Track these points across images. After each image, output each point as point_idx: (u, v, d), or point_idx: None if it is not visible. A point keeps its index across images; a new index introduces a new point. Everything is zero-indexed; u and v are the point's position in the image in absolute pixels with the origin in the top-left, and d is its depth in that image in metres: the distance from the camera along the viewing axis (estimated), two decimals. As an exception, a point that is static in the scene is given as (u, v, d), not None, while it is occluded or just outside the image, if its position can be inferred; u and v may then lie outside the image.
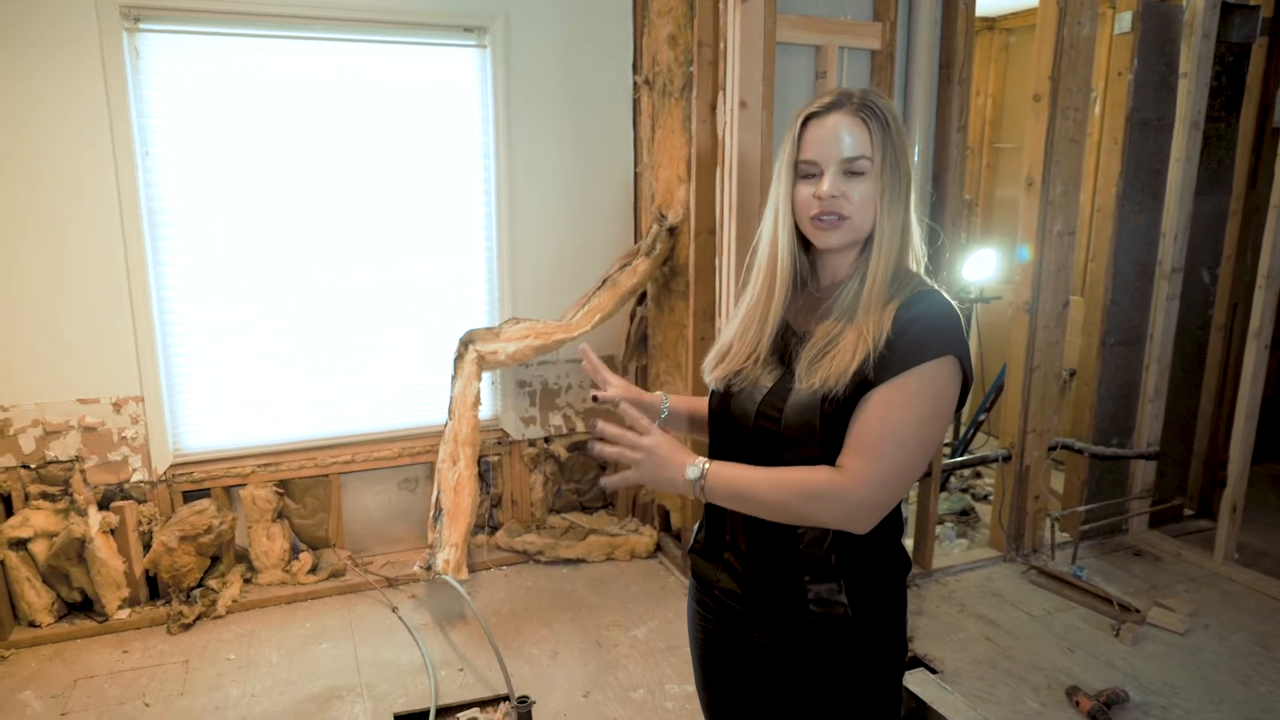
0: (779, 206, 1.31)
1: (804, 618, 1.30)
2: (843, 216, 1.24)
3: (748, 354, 1.32)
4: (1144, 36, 3.44)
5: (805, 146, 1.26)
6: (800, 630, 1.31)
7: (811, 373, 1.23)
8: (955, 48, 3.15)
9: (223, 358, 3.29)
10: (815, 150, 1.25)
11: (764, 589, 1.34)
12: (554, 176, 3.57)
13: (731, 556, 1.37)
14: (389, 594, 3.36)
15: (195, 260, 3.20)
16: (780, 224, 1.31)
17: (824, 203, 1.24)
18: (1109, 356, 3.68)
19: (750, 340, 1.33)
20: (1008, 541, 3.65)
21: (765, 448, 1.29)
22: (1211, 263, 3.80)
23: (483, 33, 3.36)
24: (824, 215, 1.25)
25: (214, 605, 3.17)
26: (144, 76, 3.01)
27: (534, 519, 3.79)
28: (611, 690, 2.79)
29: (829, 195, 1.23)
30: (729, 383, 1.34)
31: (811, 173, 1.26)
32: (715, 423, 1.38)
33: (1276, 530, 3.94)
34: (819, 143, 1.25)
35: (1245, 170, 3.76)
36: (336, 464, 3.43)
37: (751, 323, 1.34)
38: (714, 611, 1.42)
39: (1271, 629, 3.15)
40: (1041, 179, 3.35)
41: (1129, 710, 2.69)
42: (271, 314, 3.33)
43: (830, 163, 1.24)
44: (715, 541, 1.40)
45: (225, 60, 3.11)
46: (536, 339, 3.32)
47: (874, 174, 1.24)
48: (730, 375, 1.34)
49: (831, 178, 1.24)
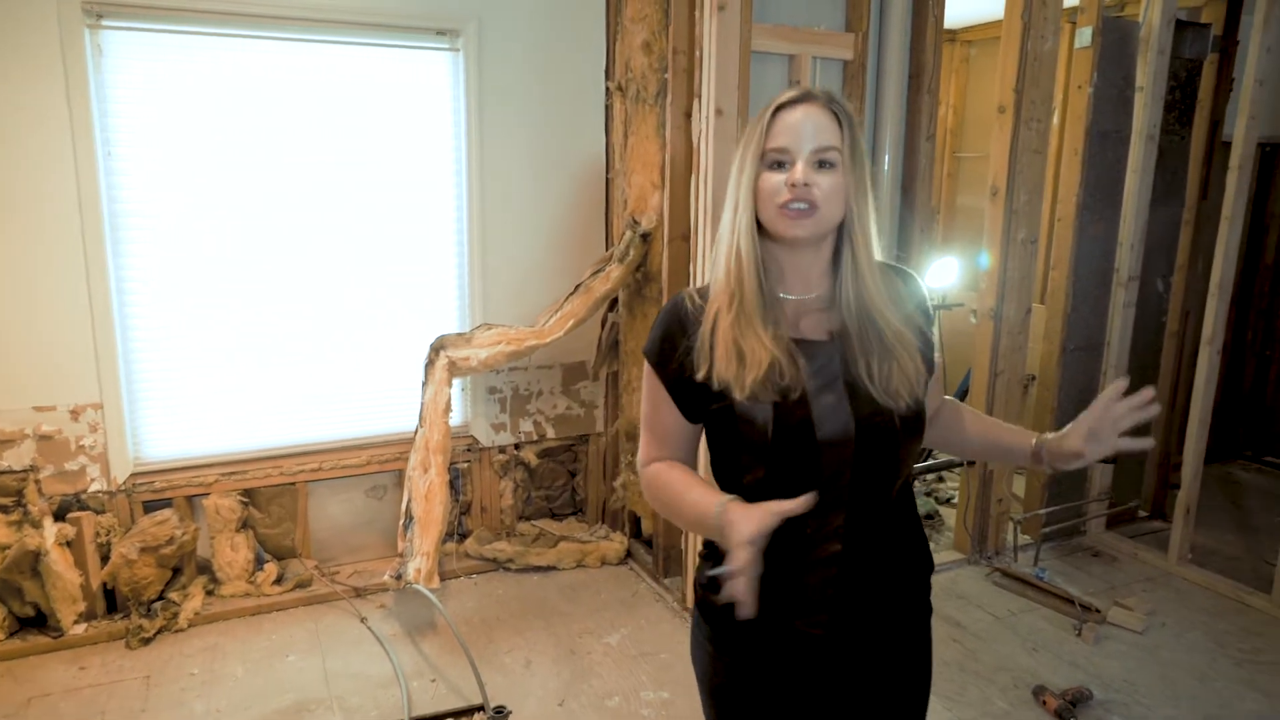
0: (739, 198, 1.25)
1: (926, 614, 1.38)
2: (814, 205, 1.21)
3: (767, 361, 1.21)
4: (1103, 51, 3.53)
5: (775, 135, 1.22)
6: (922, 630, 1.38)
7: (885, 374, 1.24)
8: (925, 59, 3.21)
9: (187, 364, 3.21)
10: (786, 138, 1.21)
11: (886, 600, 1.30)
12: (526, 181, 3.55)
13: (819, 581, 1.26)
14: (357, 604, 3.30)
15: (159, 264, 3.12)
16: (740, 215, 1.24)
17: (796, 190, 1.20)
18: (1069, 362, 3.77)
19: (755, 347, 1.22)
20: (972, 544, 3.72)
21: (880, 452, 1.24)
22: (1166, 271, 3.92)
23: (455, 36, 3.33)
24: (794, 203, 1.20)
25: (175, 618, 3.08)
26: (107, 75, 2.92)
27: (504, 526, 3.76)
28: (587, 698, 2.78)
29: (801, 182, 1.20)
30: (783, 391, 1.21)
31: (780, 160, 1.22)
32: (787, 436, 1.22)
33: (1226, 530, 4.08)
34: (790, 130, 1.22)
35: (1197, 182, 3.89)
36: (303, 472, 3.36)
37: (745, 329, 1.22)
38: (790, 652, 1.29)
39: (1225, 626, 3.25)
40: (1006, 188, 3.42)
41: (1093, 708, 2.75)
42: (238, 319, 3.26)
43: (801, 151, 1.21)
44: (790, 573, 1.26)
45: (192, 59, 3.03)
46: (509, 345, 3.30)
47: (842, 167, 1.23)
48: (770, 386, 1.21)
49: (803, 165, 1.20)
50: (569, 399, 3.79)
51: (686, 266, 3.19)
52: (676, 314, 1.31)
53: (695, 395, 1.28)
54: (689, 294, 1.32)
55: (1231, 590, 3.46)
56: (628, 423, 3.64)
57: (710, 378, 1.24)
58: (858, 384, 1.23)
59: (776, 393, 1.21)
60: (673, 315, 1.31)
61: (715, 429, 1.30)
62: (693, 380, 1.26)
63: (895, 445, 1.25)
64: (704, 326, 1.26)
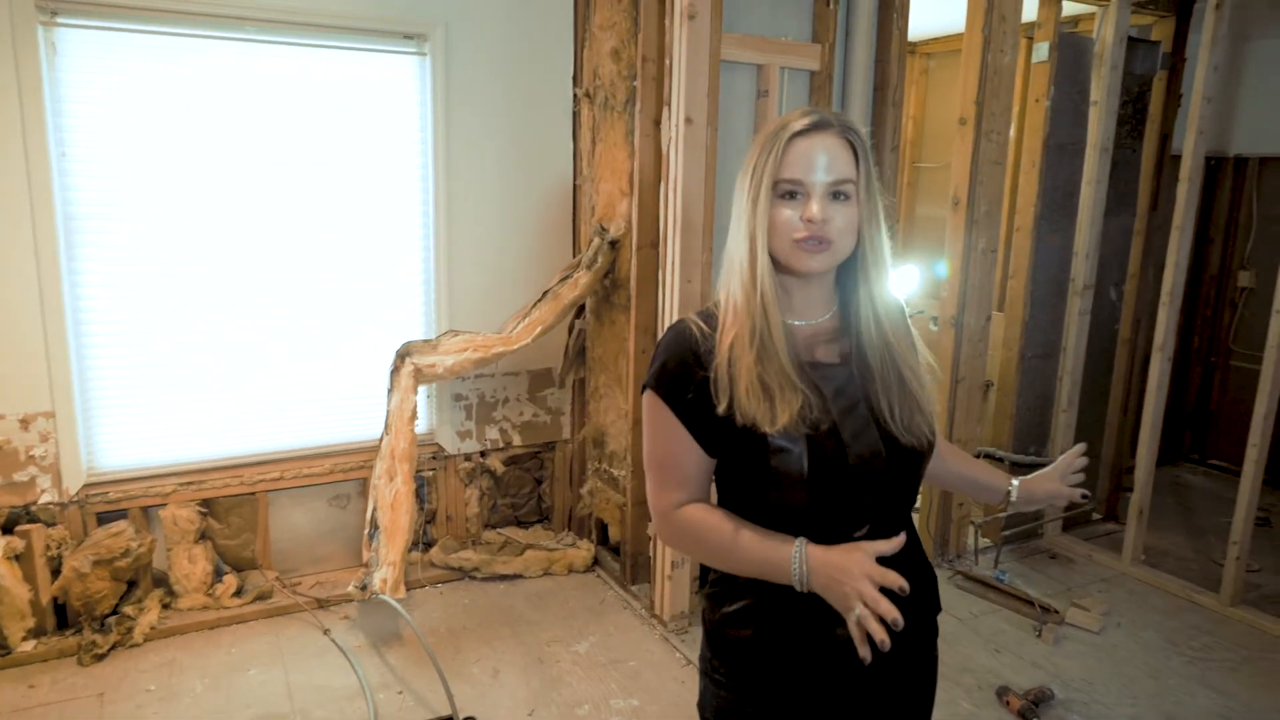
0: (754, 230, 1.21)
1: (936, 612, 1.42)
2: (829, 241, 1.20)
3: (795, 396, 1.19)
4: (1060, 66, 3.63)
5: (788, 165, 1.19)
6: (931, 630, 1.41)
7: (904, 398, 1.25)
8: (889, 71, 3.26)
9: (144, 370, 3.12)
10: (800, 170, 1.19)
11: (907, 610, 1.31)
12: (492, 187, 3.52)
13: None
14: (320, 616, 3.24)
15: (115, 268, 3.03)
16: (759, 249, 1.22)
17: (813, 226, 1.18)
18: (1027, 369, 3.86)
19: (783, 382, 1.20)
20: (935, 548, 3.77)
21: (909, 467, 1.27)
22: (1118, 280, 4.03)
23: (422, 40, 3.30)
24: (810, 240, 1.19)
25: (130, 633, 2.99)
26: (62, 74, 2.83)
27: (469, 535, 3.72)
28: (556, 707, 2.76)
29: (819, 219, 1.18)
30: (813, 423, 1.20)
31: (793, 191, 1.20)
32: (822, 466, 1.20)
33: (1176, 532, 4.20)
34: (804, 161, 1.19)
35: (1148, 193, 4.01)
36: (264, 481, 3.29)
37: (769, 364, 1.20)
38: (826, 662, 1.27)
39: (1177, 625, 3.35)
40: (967, 199, 3.49)
41: (1055, 708, 2.81)
42: (197, 325, 3.18)
43: (816, 184, 1.19)
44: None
45: (151, 59, 2.96)
46: (476, 352, 3.27)
47: (857, 199, 1.22)
48: (803, 420, 1.19)
49: (819, 200, 1.19)
50: (535, 406, 3.77)
51: (655, 274, 3.20)
52: (686, 344, 1.25)
53: (714, 429, 1.23)
54: (694, 322, 1.27)
55: (1182, 590, 3.56)
56: (595, 429, 3.63)
57: (732, 412, 1.20)
58: (876, 410, 1.24)
59: (808, 426, 1.19)
60: (682, 345, 1.25)
61: (737, 463, 1.25)
62: (711, 414, 1.22)
63: (918, 464, 1.28)
64: (719, 358, 1.22)
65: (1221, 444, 5.07)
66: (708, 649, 1.36)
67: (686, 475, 1.27)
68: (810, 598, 1.19)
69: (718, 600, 1.33)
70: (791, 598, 1.22)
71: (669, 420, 1.25)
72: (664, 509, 1.29)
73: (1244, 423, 4.79)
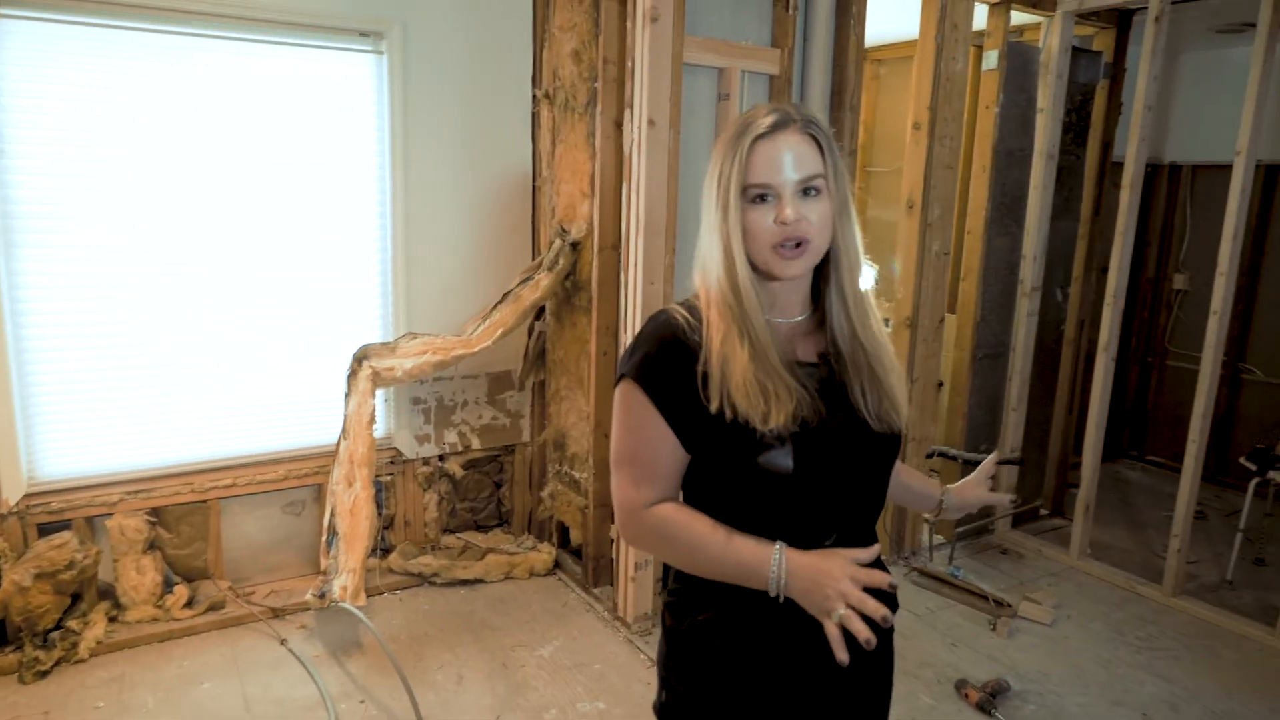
0: (729, 238, 1.19)
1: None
2: (807, 240, 1.18)
3: (790, 396, 1.18)
4: (1008, 74, 3.73)
5: (754, 169, 1.17)
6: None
7: (875, 387, 1.26)
8: (847, 75, 3.31)
9: (89, 375, 3.00)
10: (767, 173, 1.17)
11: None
12: (451, 188, 3.48)
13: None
14: (276, 625, 3.16)
15: (58, 269, 2.91)
16: (736, 256, 1.19)
17: (787, 228, 1.16)
18: (979, 369, 3.95)
19: (778, 382, 1.19)
20: (891, 545, 3.84)
21: (884, 460, 1.30)
22: (1064, 282, 4.16)
23: (379, 38, 3.25)
24: (787, 242, 1.17)
25: (75, 648, 2.88)
26: (1, 67, 2.72)
27: (428, 540, 3.67)
28: (523, 712, 2.73)
29: (793, 219, 1.16)
30: (802, 421, 1.19)
31: (763, 194, 1.18)
32: (808, 463, 1.20)
33: (1119, 526, 4.34)
34: (770, 164, 1.17)
35: (1091, 199, 4.14)
36: (216, 489, 3.20)
37: (763, 363, 1.19)
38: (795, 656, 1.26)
39: (1123, 616, 3.46)
40: (921, 202, 3.56)
41: (1011, 699, 2.89)
42: (146, 327, 3.07)
43: (785, 185, 1.17)
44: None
45: (98, 54, 2.85)
46: (435, 355, 3.23)
47: (827, 191, 1.20)
48: (795, 418, 1.18)
49: (791, 200, 1.17)
50: (495, 409, 3.74)
51: (617, 275, 3.19)
52: (673, 333, 1.21)
53: (699, 424, 1.20)
54: (679, 313, 1.24)
55: (1126, 582, 3.68)
56: (556, 432, 3.62)
57: (724, 410, 1.17)
58: (855, 407, 1.25)
59: (797, 424, 1.18)
60: (668, 335, 1.22)
61: (719, 460, 1.22)
62: (698, 408, 1.19)
63: (891, 456, 1.30)
64: (709, 353, 1.19)
65: (1159, 441, 5.26)
66: (670, 656, 1.33)
67: (660, 471, 1.24)
68: (774, 608, 1.17)
69: (682, 608, 1.30)
70: (757, 608, 1.20)
71: (647, 412, 1.21)
72: (633, 506, 1.24)
73: (1180, 421, 4.98)
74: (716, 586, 1.24)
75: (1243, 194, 3.23)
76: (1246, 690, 2.97)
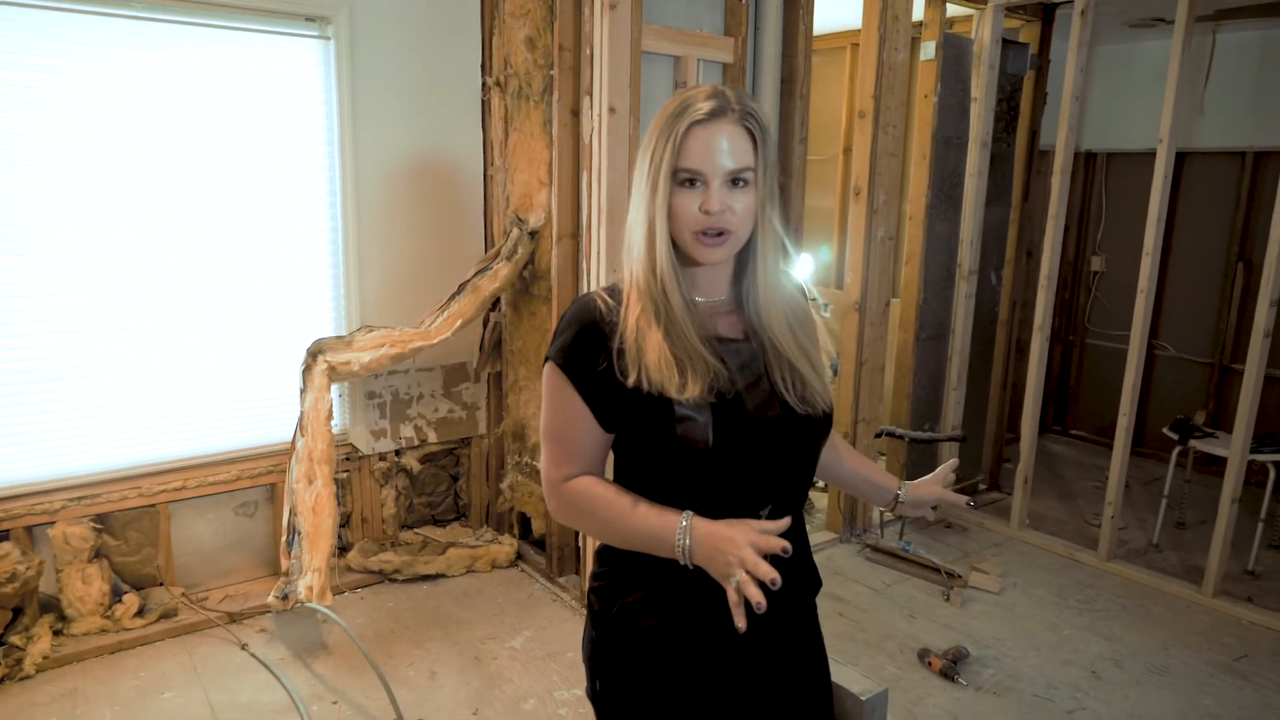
0: (654, 217, 1.22)
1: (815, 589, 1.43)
2: (729, 231, 1.21)
3: (705, 368, 1.22)
4: (945, 64, 3.86)
5: (687, 154, 1.19)
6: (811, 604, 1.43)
7: (795, 373, 1.28)
8: (797, 65, 3.38)
9: (25, 377, 2.84)
10: (700, 160, 1.19)
11: (798, 582, 1.37)
12: (402, 178, 3.42)
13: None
14: (234, 630, 3.06)
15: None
16: (659, 236, 1.22)
17: (711, 218, 1.19)
18: (921, 350, 4.09)
19: (693, 355, 1.22)
20: (844, 524, 3.95)
21: (807, 438, 1.30)
22: (998, 265, 4.33)
23: (325, 23, 3.16)
24: (709, 230, 1.20)
25: (20, 664, 2.74)
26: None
27: (386, 536, 3.60)
28: (501, 704, 2.72)
29: (717, 210, 1.19)
30: (718, 393, 1.22)
31: (692, 179, 1.20)
32: (726, 435, 1.22)
33: (1051, 497, 4.56)
34: (704, 152, 1.19)
35: (1020, 185, 4.32)
36: (165, 492, 3.07)
37: (678, 339, 1.22)
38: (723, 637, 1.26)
39: (1064, 581, 3.64)
40: (868, 189, 3.66)
41: (971, 664, 3.01)
42: (85, 325, 2.92)
43: (715, 174, 1.19)
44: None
45: (24, 38, 2.70)
46: (393, 347, 3.17)
47: (754, 184, 1.22)
48: (711, 386, 1.22)
49: (718, 191, 1.19)
50: (450, 401, 3.69)
51: (576, 264, 3.19)
52: (590, 317, 1.25)
53: (619, 402, 1.23)
54: (599, 295, 1.28)
55: (1064, 549, 3.88)
56: (515, 423, 3.59)
57: (640, 383, 1.20)
58: (775, 385, 1.27)
59: (713, 395, 1.21)
60: (586, 319, 1.25)
61: (641, 434, 1.25)
62: (619, 386, 1.22)
63: (815, 436, 1.31)
64: (625, 330, 1.23)
65: (1081, 416, 5.54)
66: (600, 641, 1.34)
67: (580, 449, 1.28)
68: (707, 584, 1.18)
69: (611, 591, 1.32)
70: (688, 584, 1.23)
71: (568, 394, 1.25)
72: (554, 480, 1.30)
73: (1102, 396, 5.27)
74: (645, 567, 1.27)
75: (1165, 179, 3.43)
76: (1180, 645, 3.17)
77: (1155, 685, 2.93)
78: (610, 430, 1.27)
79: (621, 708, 1.35)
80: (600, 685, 1.36)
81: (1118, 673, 2.99)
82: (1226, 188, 4.74)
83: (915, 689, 2.86)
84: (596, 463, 1.30)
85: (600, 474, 1.31)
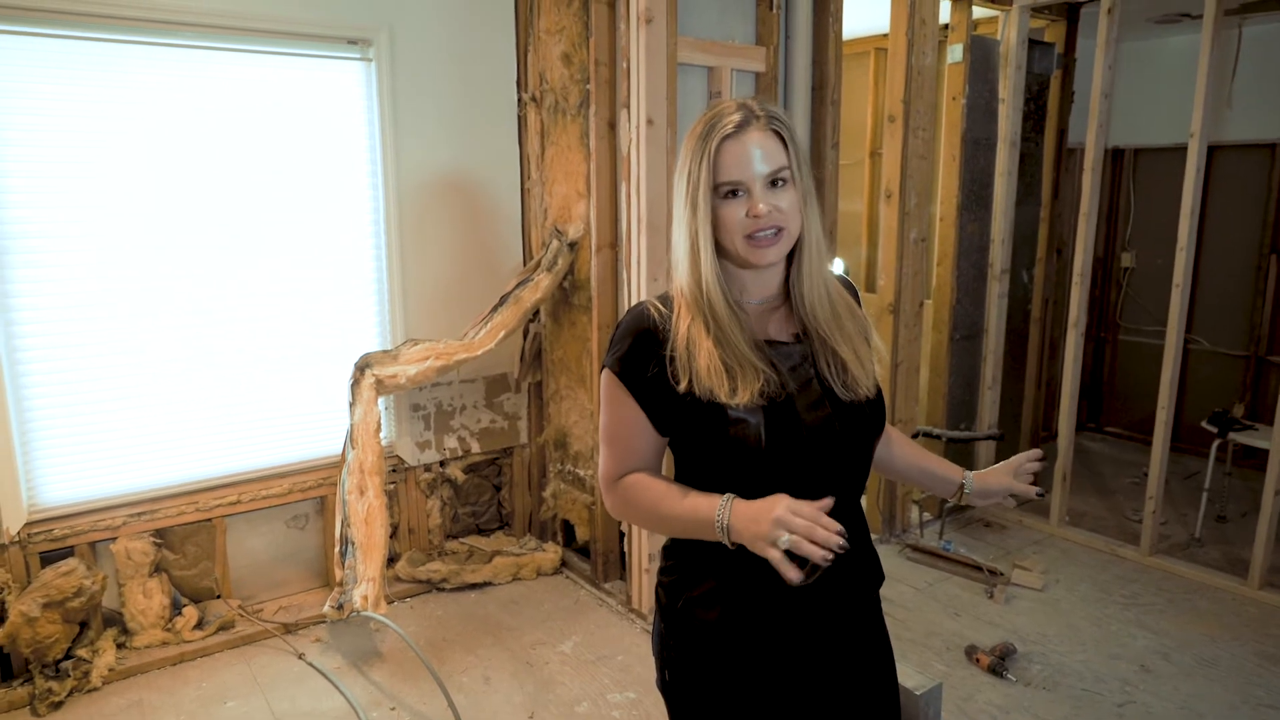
0: (696, 234, 1.27)
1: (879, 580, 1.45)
2: (781, 228, 1.26)
3: (755, 374, 1.26)
4: (972, 66, 3.89)
5: (723, 168, 1.25)
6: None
7: (847, 370, 1.32)
8: (827, 72, 3.42)
9: (87, 397, 2.93)
10: (737, 171, 1.24)
11: (862, 577, 1.40)
12: (443, 193, 3.49)
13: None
14: (290, 640, 3.12)
15: (51, 290, 2.83)
16: (703, 251, 1.27)
17: (761, 219, 1.24)
18: (956, 350, 4.11)
19: (743, 362, 1.26)
20: (883, 525, 3.97)
21: (860, 432, 1.33)
22: (1029, 264, 4.35)
23: (367, 45, 3.24)
24: (761, 231, 1.25)
25: (88, 677, 2.81)
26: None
27: (432, 546, 3.67)
28: (555, 707, 2.77)
29: (766, 212, 1.24)
30: (769, 397, 1.26)
31: (734, 191, 1.25)
32: (778, 439, 1.26)
33: (1089, 494, 4.56)
34: (739, 163, 1.24)
35: (1050, 184, 4.34)
36: (221, 506, 3.15)
37: (728, 347, 1.27)
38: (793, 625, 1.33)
39: (1107, 577, 3.64)
40: (900, 192, 3.69)
41: (1018, 660, 3.03)
42: (142, 346, 3.01)
43: (755, 180, 1.24)
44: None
45: (80, 67, 2.78)
46: (438, 360, 3.23)
47: (793, 181, 1.27)
48: (761, 394, 1.25)
49: (760, 194, 1.24)
50: (492, 412, 3.75)
51: (615, 273, 3.25)
52: (644, 325, 1.30)
53: (673, 407, 1.28)
54: (652, 304, 1.32)
55: (1106, 545, 3.88)
56: (556, 431, 3.65)
57: (693, 389, 1.25)
58: (825, 381, 1.31)
59: (764, 399, 1.25)
60: (640, 328, 1.30)
61: (696, 438, 1.30)
62: (672, 392, 1.27)
63: (868, 435, 1.35)
64: (676, 338, 1.28)
65: (1116, 412, 5.52)
66: (669, 634, 1.38)
67: (636, 451, 1.34)
68: (770, 576, 1.18)
69: (678, 585, 1.36)
70: (753, 577, 1.27)
71: (624, 399, 1.31)
72: (609, 479, 1.37)
73: (1136, 392, 5.26)
74: (710, 561, 1.31)
75: (1198, 173, 3.44)
76: (1228, 637, 3.17)
77: (1205, 678, 2.93)
78: (665, 434, 1.33)
79: (690, 698, 1.39)
80: (669, 676, 1.41)
81: (1166, 666, 2.99)
82: (1256, 180, 4.73)
83: (964, 685, 2.88)
84: (652, 465, 1.36)
85: (655, 474, 1.36)
